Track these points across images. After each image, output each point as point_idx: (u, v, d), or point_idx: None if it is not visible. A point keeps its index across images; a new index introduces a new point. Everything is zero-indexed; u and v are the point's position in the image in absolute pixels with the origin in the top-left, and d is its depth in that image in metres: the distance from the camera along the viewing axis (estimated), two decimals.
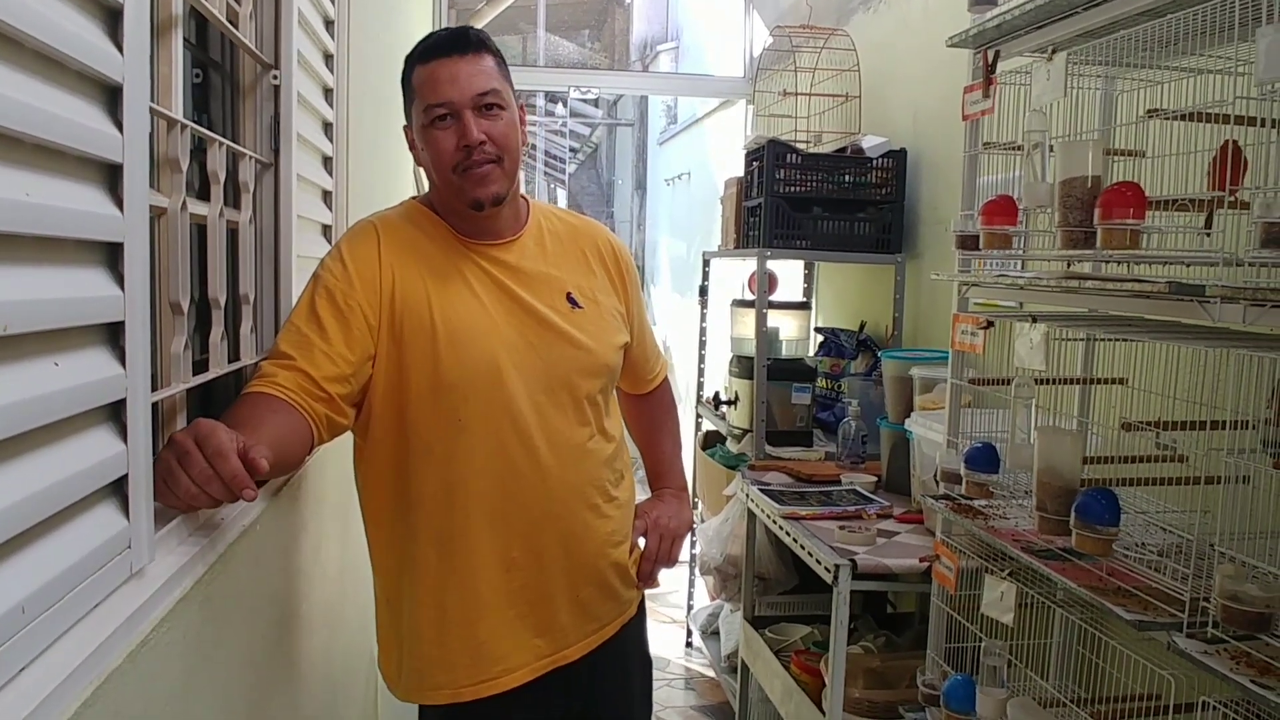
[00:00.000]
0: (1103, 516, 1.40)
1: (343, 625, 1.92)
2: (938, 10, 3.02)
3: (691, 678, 3.88)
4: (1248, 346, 1.26)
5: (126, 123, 0.86)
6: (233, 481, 1.00)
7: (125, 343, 0.88)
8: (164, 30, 1.17)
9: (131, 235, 0.87)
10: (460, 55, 1.45)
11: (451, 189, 1.48)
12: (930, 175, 3.03)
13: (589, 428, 1.58)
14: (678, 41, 8.50)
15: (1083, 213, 1.42)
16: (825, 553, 2.12)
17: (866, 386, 3.09)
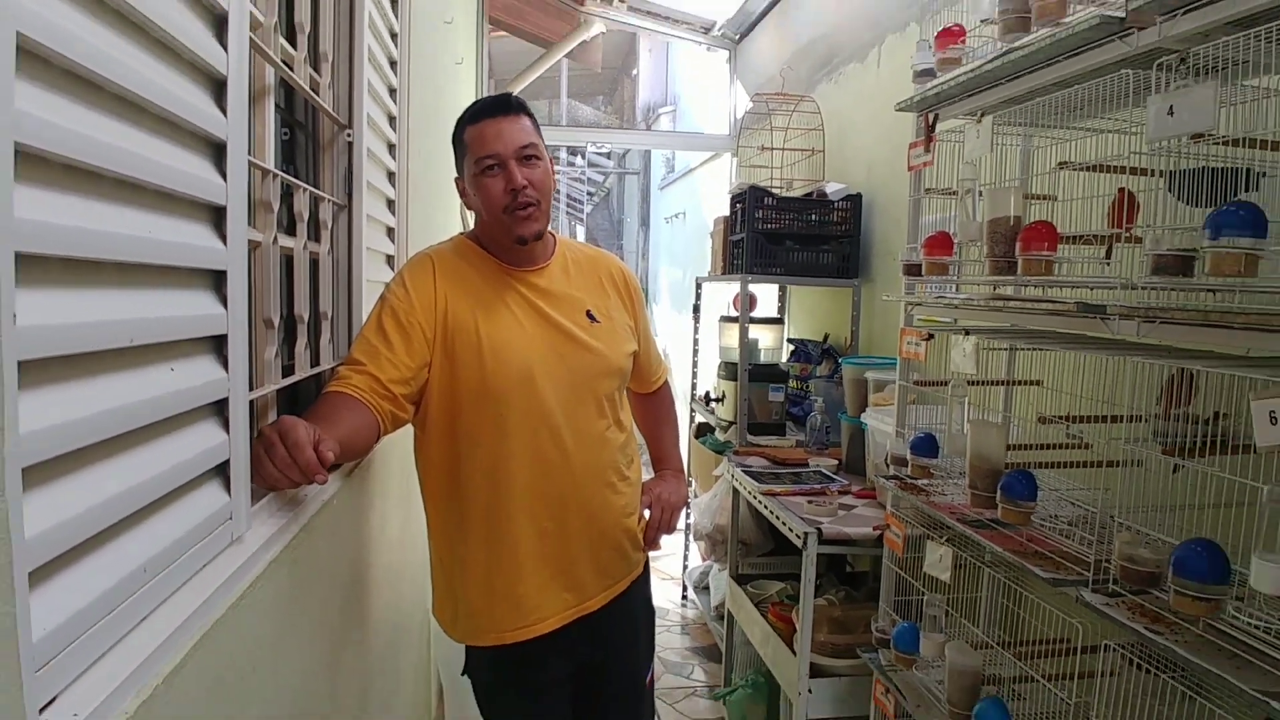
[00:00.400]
0: (1022, 493, 1.40)
1: (402, 582, 1.92)
2: (887, 82, 3.02)
3: (686, 624, 3.86)
4: (1140, 355, 1.25)
5: (229, 173, 0.86)
6: (307, 468, 1.01)
7: (227, 352, 0.88)
8: (259, 97, 1.17)
9: (233, 264, 0.88)
10: (504, 116, 1.46)
11: (501, 227, 1.48)
12: (881, 215, 3.03)
13: (606, 420, 1.58)
14: (675, 105, 8.50)
15: (1006, 246, 1.42)
16: (796, 523, 2.11)
17: (829, 387, 3.08)
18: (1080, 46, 1.33)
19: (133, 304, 0.68)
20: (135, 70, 0.68)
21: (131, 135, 0.68)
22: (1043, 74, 1.44)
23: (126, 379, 0.68)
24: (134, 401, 0.69)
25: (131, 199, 0.69)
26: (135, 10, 0.67)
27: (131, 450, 0.70)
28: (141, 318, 0.69)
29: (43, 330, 0.55)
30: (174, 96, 0.75)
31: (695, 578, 4.00)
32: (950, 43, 1.62)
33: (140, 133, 0.70)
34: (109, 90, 0.65)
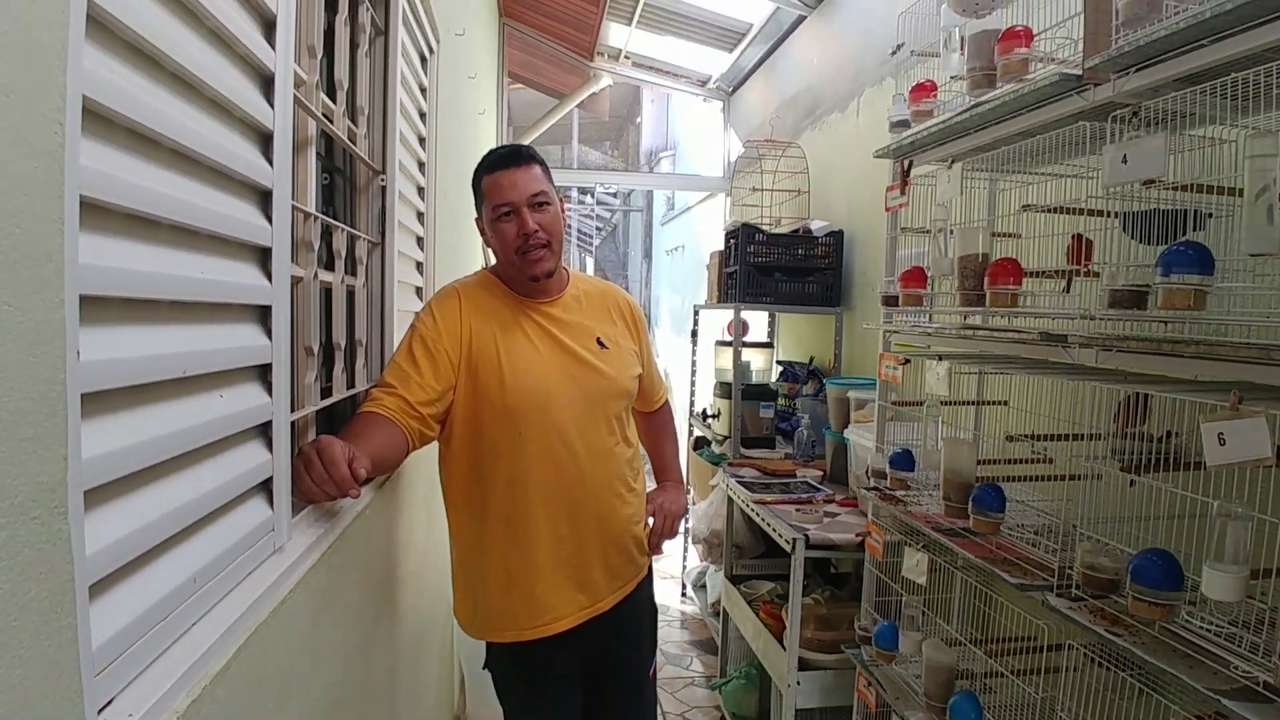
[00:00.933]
0: (992, 505, 1.38)
1: (426, 582, 1.90)
2: (865, 130, 3.02)
3: (685, 619, 3.83)
4: (1098, 379, 1.24)
5: (275, 217, 0.86)
6: (342, 483, 1.01)
7: (272, 379, 0.87)
8: (303, 148, 1.17)
9: (277, 299, 0.87)
10: (516, 166, 1.46)
11: (515, 267, 1.49)
12: (860, 249, 3.03)
13: (615, 436, 1.57)
14: (675, 150, 8.55)
15: (976, 280, 1.41)
16: (785, 529, 2.09)
17: (814, 404, 3.06)
18: (1041, 100, 1.33)
19: (186, 338, 0.68)
20: (190, 127, 0.68)
21: (186, 186, 0.68)
22: (1008, 125, 1.44)
23: (180, 406, 0.68)
24: (187, 426, 0.68)
25: (186, 243, 0.69)
26: (191, 73, 0.67)
27: (185, 470, 0.70)
28: (194, 350, 0.69)
29: (103, 365, 0.55)
30: (225, 150, 0.75)
31: (694, 577, 3.97)
32: (923, 97, 1.62)
33: (194, 183, 0.70)
34: (166, 145, 0.65)
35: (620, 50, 4.93)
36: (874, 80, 2.96)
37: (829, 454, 2.71)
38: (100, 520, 0.56)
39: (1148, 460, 1.22)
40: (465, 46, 2.74)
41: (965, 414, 1.84)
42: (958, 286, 1.43)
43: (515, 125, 6.27)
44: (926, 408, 1.59)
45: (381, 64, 1.55)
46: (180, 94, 0.68)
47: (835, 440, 2.65)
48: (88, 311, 0.53)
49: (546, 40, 4.83)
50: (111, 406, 0.57)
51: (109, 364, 0.55)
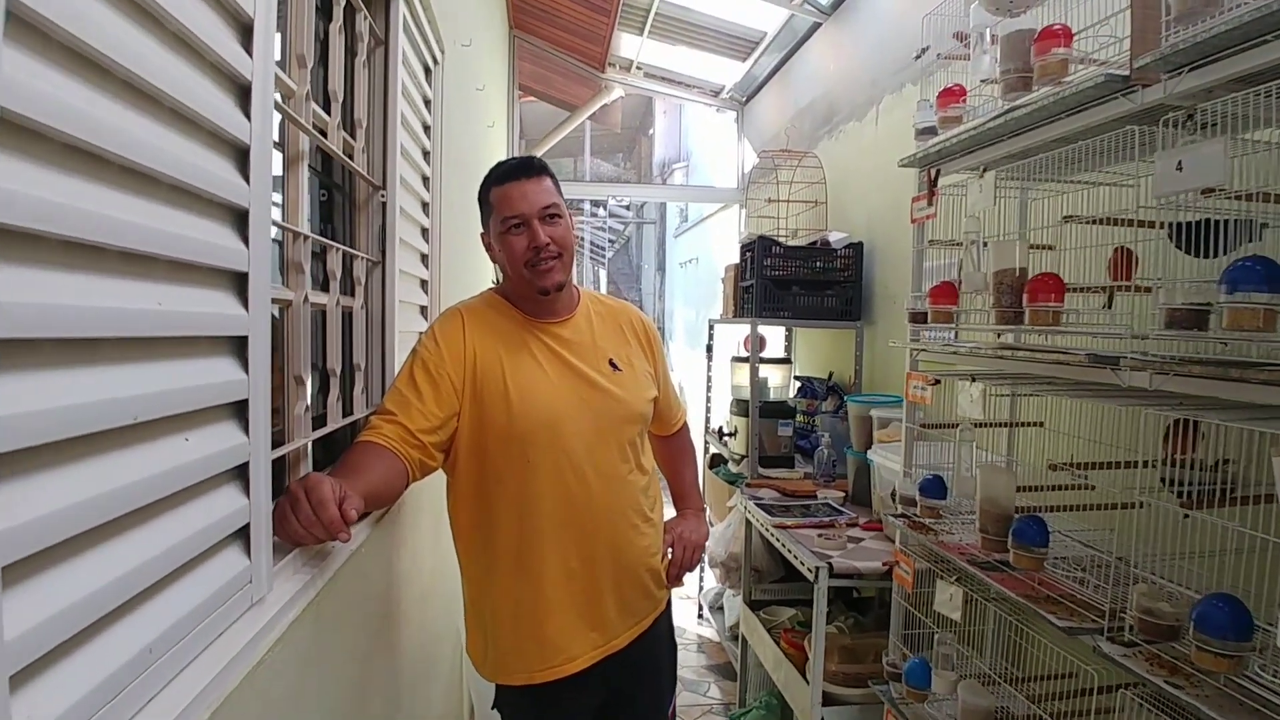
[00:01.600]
0: (1035, 539, 1.28)
1: (432, 617, 1.81)
2: (884, 138, 2.94)
3: (702, 643, 3.72)
4: (1149, 403, 1.14)
5: (252, 238, 0.79)
6: (330, 526, 0.93)
7: (249, 416, 0.80)
8: (294, 163, 1.10)
9: (255, 328, 0.80)
10: (527, 178, 1.39)
11: (524, 281, 1.41)
12: (881, 261, 2.93)
13: (629, 464, 1.49)
14: (688, 161, 8.48)
15: (1013, 296, 1.32)
16: (807, 557, 2.00)
17: (834, 422, 2.97)
18: (1084, 104, 1.24)
19: (139, 379, 0.60)
20: (146, 142, 0.61)
21: (139, 207, 0.60)
22: (1045, 130, 1.35)
23: (133, 456, 0.60)
24: (141, 479, 0.60)
25: (139, 272, 0.61)
26: (146, 81, 0.60)
27: (139, 527, 0.62)
28: (150, 392, 0.61)
29: (16, 419, 0.47)
30: (191, 166, 0.68)
31: (711, 598, 3.86)
32: (951, 102, 1.54)
33: (151, 204, 0.63)
34: (114, 162, 0.57)
35: (632, 61, 4.88)
36: (893, 87, 2.87)
37: (851, 473, 2.61)
38: (25, 597, 0.48)
39: (1201, 491, 1.12)
40: (472, 58, 2.68)
41: (997, 436, 1.74)
42: (993, 303, 1.34)
43: (527, 138, 6.23)
44: (959, 432, 1.49)
45: (381, 75, 1.48)
46: (133, 105, 0.60)
47: (857, 459, 2.55)
48: (4, 357, 0.45)
49: (557, 52, 4.79)
50: (37, 465, 0.49)
51: (22, 418, 0.47)
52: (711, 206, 6.36)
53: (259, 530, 0.82)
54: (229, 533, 0.77)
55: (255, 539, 0.81)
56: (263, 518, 0.83)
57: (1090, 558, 1.36)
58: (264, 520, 0.83)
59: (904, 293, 2.72)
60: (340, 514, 0.94)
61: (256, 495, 0.81)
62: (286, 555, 0.95)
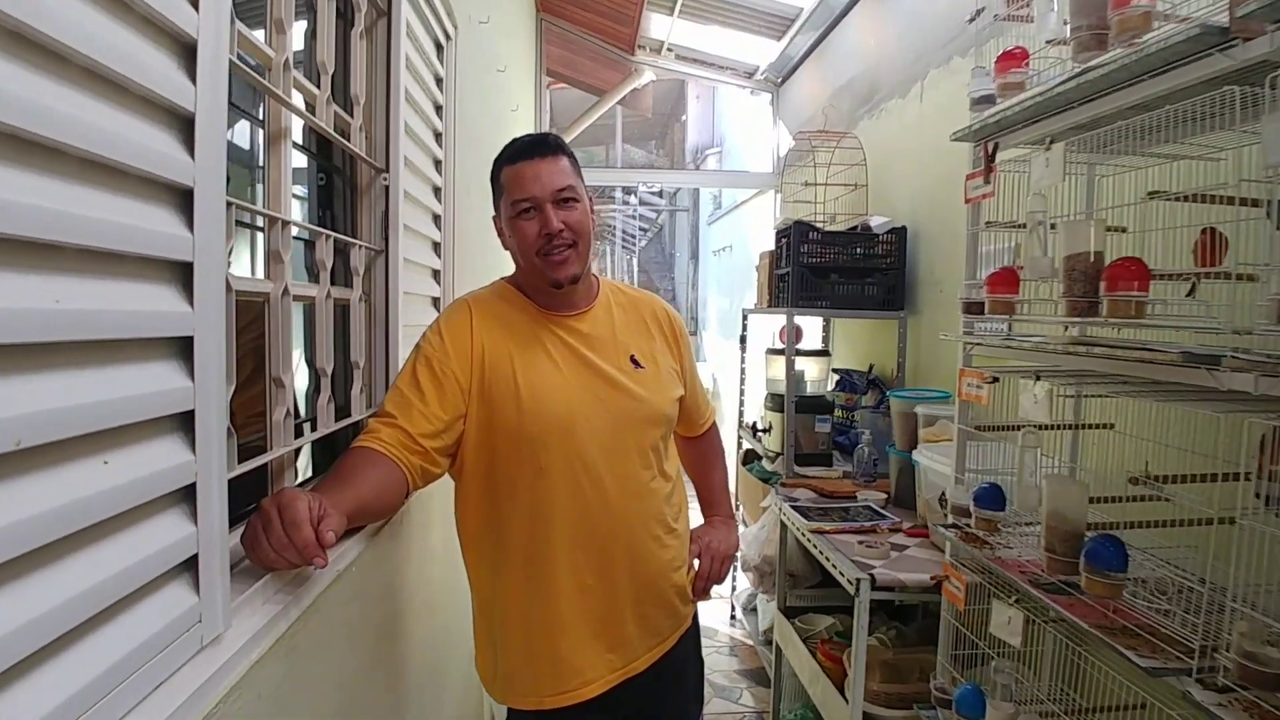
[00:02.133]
0: (1111, 563, 1.13)
1: (444, 631, 1.71)
2: (930, 115, 2.76)
3: (734, 646, 3.59)
4: (1254, 409, 0.98)
5: (199, 222, 0.67)
6: (304, 550, 0.82)
7: (196, 429, 0.68)
8: (274, 141, 0.99)
9: (204, 328, 0.68)
10: (540, 157, 1.27)
11: (535, 271, 1.29)
12: (926, 247, 2.76)
13: (650, 470, 1.36)
14: (721, 146, 8.30)
15: (1086, 284, 1.16)
16: (847, 566, 1.85)
17: (875, 417, 2.81)
18: (1171, 62, 1.07)
19: (21, 395, 0.49)
20: (44, 106, 0.50)
21: (30, 184, 0.49)
22: (1124, 95, 1.18)
23: (20, 489, 0.49)
24: (36, 514, 0.50)
25: (29, 263, 0.50)
26: (42, 33, 0.49)
27: (40, 570, 0.51)
28: (38, 410, 0.50)
29: None
30: (112, 137, 0.57)
31: (744, 599, 3.73)
32: (1013, 66, 1.38)
33: (52, 181, 0.52)
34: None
35: (662, 42, 4.72)
36: (939, 60, 2.69)
37: (893, 474, 2.45)
38: None
39: None
40: (492, 38, 2.56)
41: (1058, 440, 1.58)
42: (1064, 292, 1.19)
43: (556, 125, 6.11)
44: (1022, 437, 1.33)
45: (384, 48, 1.37)
46: (29, 62, 0.49)
47: (900, 459, 2.40)
48: None
49: (585, 35, 4.65)
50: None
51: None
52: (746, 193, 6.19)
53: (211, 561, 0.71)
54: (171, 566, 0.66)
55: (206, 571, 0.70)
56: (216, 546, 0.72)
57: (1172, 581, 1.20)
58: (217, 549, 0.72)
59: (951, 280, 2.55)
60: (316, 536, 0.84)
61: (208, 520, 0.70)
62: (255, 582, 0.84)
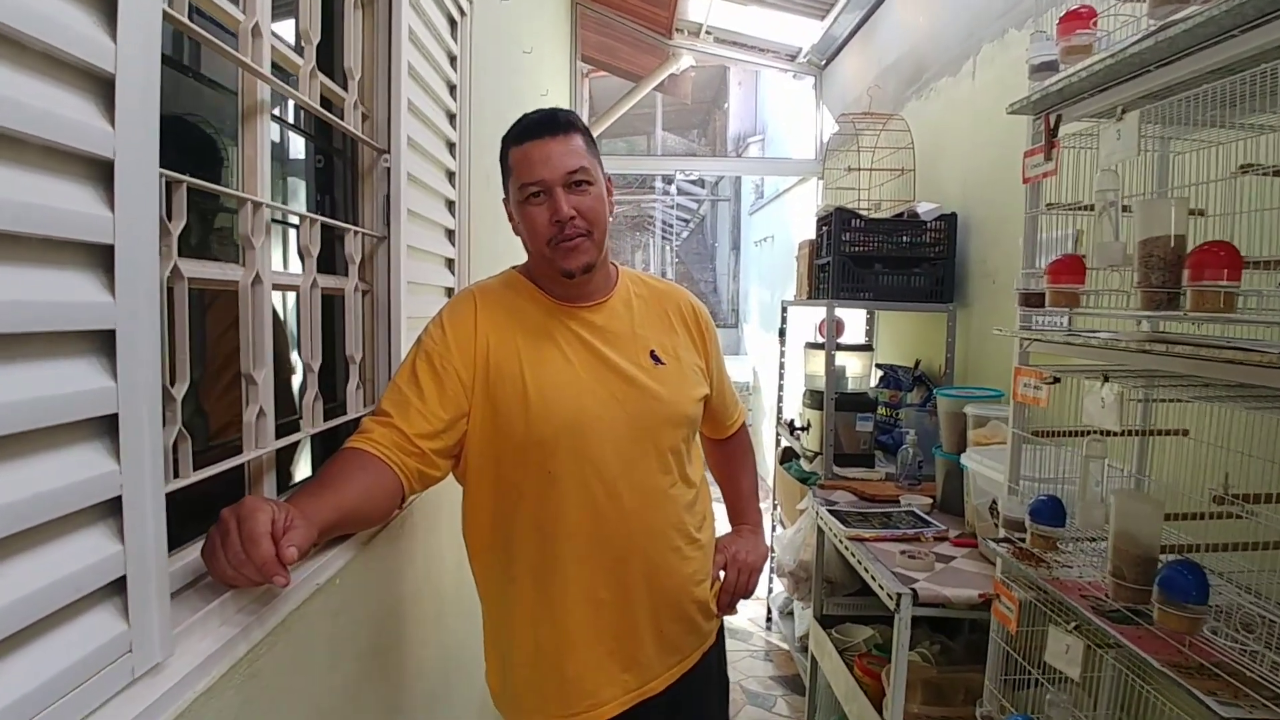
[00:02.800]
0: (1190, 594, 0.99)
1: (456, 643, 1.62)
2: (982, 93, 2.58)
3: (770, 650, 3.47)
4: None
5: (120, 200, 0.59)
6: (263, 568, 0.73)
7: (121, 435, 0.60)
8: (249, 116, 0.91)
9: (127, 321, 0.60)
10: (551, 136, 1.16)
11: (544, 260, 1.19)
12: (977, 235, 2.59)
13: (670, 475, 1.25)
14: (764, 134, 8.11)
15: (1166, 273, 1.01)
16: (888, 579, 1.72)
17: (921, 416, 2.65)
18: (1266, 13, 0.92)
19: None
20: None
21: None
22: (1207, 56, 1.03)
23: None
24: None
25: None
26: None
27: None
28: None
29: None
30: (10, 101, 0.48)
31: (780, 602, 3.60)
32: (1078, 28, 1.22)
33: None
34: None
35: (701, 25, 4.58)
36: (993, 34, 2.51)
37: (940, 478, 2.30)
38: None
39: None
40: (516, 17, 2.47)
41: (1123, 446, 1.42)
42: (1139, 282, 1.04)
43: (595, 113, 6.01)
44: (1087, 445, 1.19)
45: (385, 19, 1.28)
46: None
47: (948, 461, 2.24)
48: None
49: (622, 18, 4.54)
50: None
51: None
52: (788, 181, 6.01)
53: (143, 582, 0.62)
54: (91, 590, 0.58)
55: (138, 594, 0.62)
56: (150, 566, 0.63)
57: (1262, 617, 1.05)
58: (152, 569, 0.64)
59: (1004, 270, 2.38)
60: (277, 553, 0.75)
61: (139, 538, 0.62)
62: (213, 600, 0.76)
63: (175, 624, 0.68)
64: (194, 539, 0.83)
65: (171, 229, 0.73)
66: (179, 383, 0.75)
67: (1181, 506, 1.22)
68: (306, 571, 0.92)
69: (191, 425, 0.79)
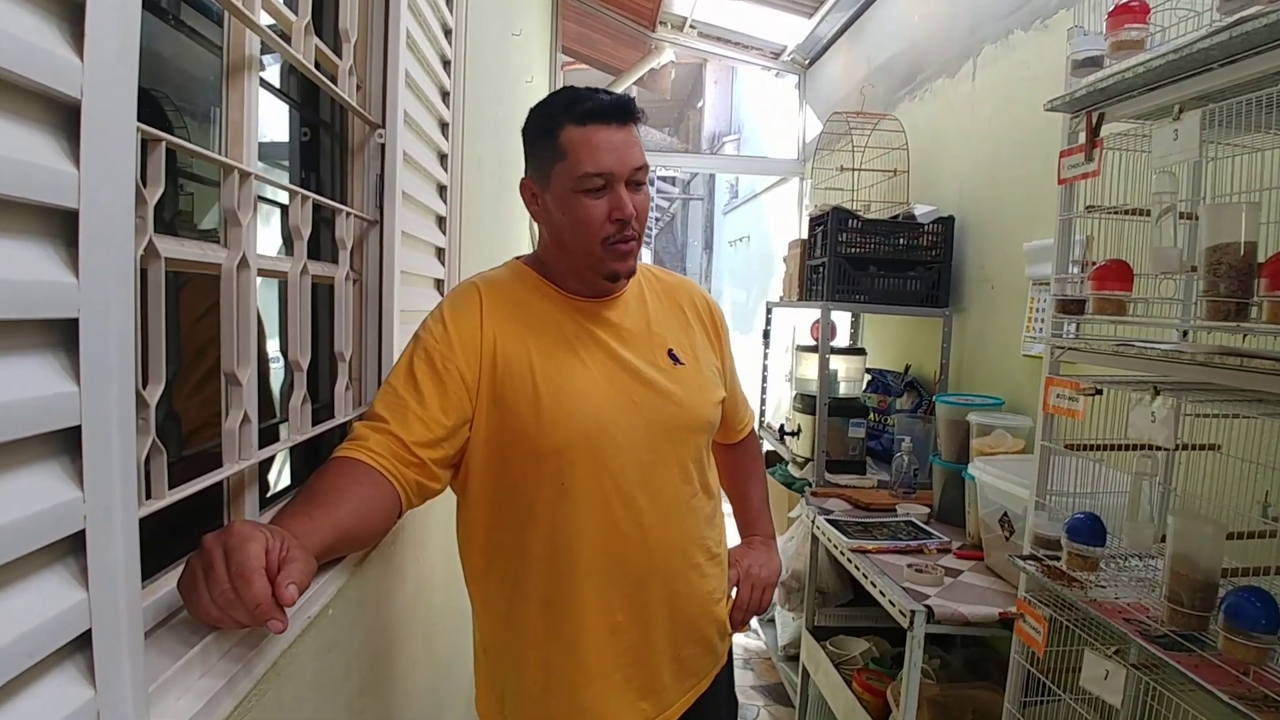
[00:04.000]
0: (1259, 622, 0.92)
1: (444, 663, 1.50)
2: (982, 97, 2.53)
3: (750, 659, 3.39)
4: None
5: (88, 153, 0.46)
6: (257, 612, 0.61)
7: (85, 455, 0.48)
8: (235, 73, 0.78)
9: (95, 308, 0.47)
10: (621, 124, 1.04)
11: (589, 259, 1.07)
12: (975, 239, 2.53)
13: (692, 486, 1.16)
14: (739, 133, 8.06)
15: (1235, 282, 0.94)
16: (898, 594, 1.64)
17: (913, 423, 2.59)
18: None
19: None
20: None
21: None
22: (1275, 56, 0.96)
23: None
24: None
25: None
26: None
27: None
28: None
29: None
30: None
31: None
32: (1130, 21, 1.15)
33: None
34: None
35: (685, 19, 4.49)
36: (996, 35, 2.45)
37: (937, 487, 2.24)
38: None
39: None
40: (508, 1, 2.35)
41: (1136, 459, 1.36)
42: (1205, 291, 0.97)
43: None
44: (1137, 463, 1.12)
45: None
46: None
47: (946, 470, 2.19)
48: None
49: (604, 9, 4.42)
50: None
51: None
52: (764, 182, 5.96)
53: (113, 636, 0.50)
54: (47, 653, 0.46)
55: (106, 650, 0.50)
56: (121, 614, 0.51)
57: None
58: (124, 617, 0.51)
59: (1003, 276, 2.33)
60: (274, 592, 0.63)
61: (107, 580, 0.50)
62: (195, 645, 0.64)
63: (150, 679, 0.56)
64: (168, 566, 0.71)
65: (148, 197, 0.60)
66: (152, 384, 0.63)
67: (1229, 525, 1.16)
68: (299, 603, 0.80)
69: (163, 431, 0.67)
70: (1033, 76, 2.21)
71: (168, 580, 0.69)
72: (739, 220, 7.55)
